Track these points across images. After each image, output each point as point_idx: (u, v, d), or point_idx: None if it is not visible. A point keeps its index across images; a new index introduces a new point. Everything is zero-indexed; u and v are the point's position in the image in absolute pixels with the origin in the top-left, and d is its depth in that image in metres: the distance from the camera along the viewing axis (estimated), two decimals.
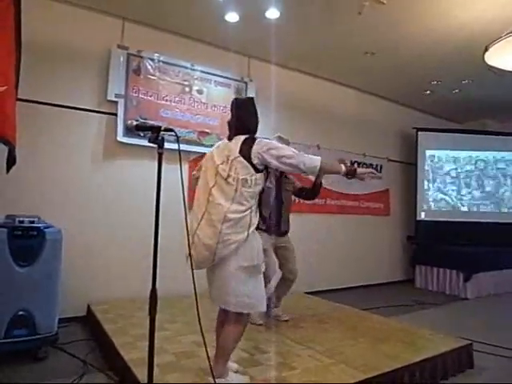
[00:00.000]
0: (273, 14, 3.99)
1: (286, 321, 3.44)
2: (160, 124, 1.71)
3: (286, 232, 3.49)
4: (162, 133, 1.67)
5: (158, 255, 1.69)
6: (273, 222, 3.30)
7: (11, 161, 2.43)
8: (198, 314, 1.80)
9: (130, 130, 1.84)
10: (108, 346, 2.87)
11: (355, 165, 6.18)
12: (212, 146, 4.67)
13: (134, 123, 1.78)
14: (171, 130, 1.70)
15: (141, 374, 2.18)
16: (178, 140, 1.62)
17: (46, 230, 2.90)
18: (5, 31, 2.44)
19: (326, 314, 3.77)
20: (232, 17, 4.07)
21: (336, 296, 4.34)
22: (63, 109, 3.83)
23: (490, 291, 5.83)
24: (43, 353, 2.84)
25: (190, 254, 1.98)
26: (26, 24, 2.77)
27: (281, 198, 3.43)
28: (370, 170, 2.45)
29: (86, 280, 3.84)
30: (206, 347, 1.78)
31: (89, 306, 3.74)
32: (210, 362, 1.85)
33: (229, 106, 4.63)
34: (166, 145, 1.79)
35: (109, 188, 4.05)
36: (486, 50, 3.71)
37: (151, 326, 1.48)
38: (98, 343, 3.17)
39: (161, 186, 1.70)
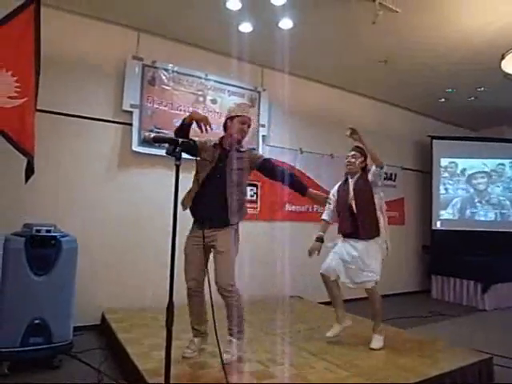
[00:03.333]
0: (286, 24, 4.01)
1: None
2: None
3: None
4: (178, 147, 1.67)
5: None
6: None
7: (30, 171, 2.47)
8: (215, 325, 1.79)
9: (147, 142, 1.84)
10: (122, 356, 2.87)
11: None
12: None
13: (152, 135, 1.80)
14: (188, 143, 1.70)
15: None
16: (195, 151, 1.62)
17: (62, 238, 2.93)
18: (25, 44, 2.52)
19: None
20: (246, 27, 4.11)
21: (351, 307, 4.25)
22: (79, 119, 3.90)
23: (509, 303, 5.67)
24: (58, 361, 2.86)
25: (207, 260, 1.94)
26: (44, 36, 2.85)
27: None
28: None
29: (101, 288, 3.87)
30: (221, 357, 1.76)
31: (103, 315, 3.75)
32: (226, 373, 1.83)
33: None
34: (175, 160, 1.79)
35: (124, 197, 4.09)
36: (503, 57, 3.67)
37: (168, 339, 1.48)
38: (112, 352, 3.17)
39: (178, 197, 1.70)
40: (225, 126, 2.77)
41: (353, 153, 3.37)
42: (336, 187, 3.44)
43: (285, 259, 4.93)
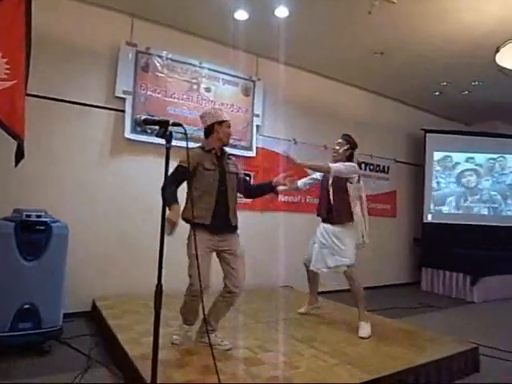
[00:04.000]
0: (282, 12, 3.98)
1: (228, 350, 2.67)
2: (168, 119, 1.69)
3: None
4: (169, 127, 1.66)
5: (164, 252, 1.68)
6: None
7: (20, 154, 2.45)
8: (204, 311, 1.79)
9: (138, 124, 1.83)
10: (112, 342, 2.88)
11: (362, 165, 6.16)
12: None
13: (143, 117, 1.78)
14: (179, 125, 1.69)
15: (145, 370, 2.18)
16: (186, 134, 1.61)
17: (52, 224, 2.91)
18: (16, 27, 2.47)
19: (331, 314, 3.76)
20: (241, 15, 4.07)
21: (341, 297, 4.30)
22: (71, 104, 3.85)
23: (497, 295, 5.75)
24: (47, 347, 2.86)
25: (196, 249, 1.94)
26: (35, 20, 2.79)
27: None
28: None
29: (91, 275, 3.86)
30: (210, 345, 1.78)
31: (94, 302, 3.75)
32: (214, 359, 1.84)
33: (236, 105, 4.71)
34: (173, 142, 1.80)
35: (115, 184, 4.06)
36: (498, 51, 3.68)
37: (156, 322, 1.48)
38: (102, 338, 3.18)
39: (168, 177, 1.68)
40: (210, 131, 2.67)
41: (339, 140, 3.50)
42: (320, 174, 3.54)
43: (277, 249, 4.96)
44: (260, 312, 3.71)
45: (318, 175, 3.57)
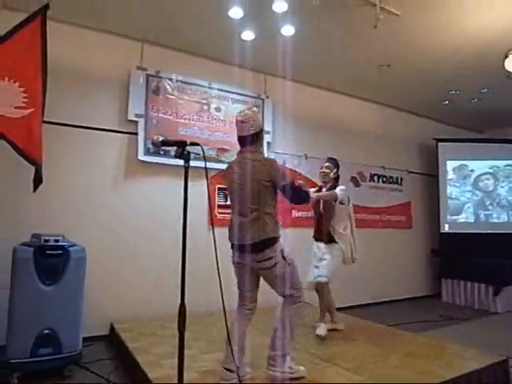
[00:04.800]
0: (288, 31, 4.03)
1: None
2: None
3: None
4: (187, 147, 1.68)
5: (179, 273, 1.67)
6: None
7: (38, 180, 2.49)
8: (227, 330, 1.77)
9: (155, 145, 1.83)
10: (132, 365, 2.86)
11: (375, 178, 6.13)
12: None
13: (160, 139, 1.80)
14: (197, 145, 1.71)
15: None
16: (203, 153, 1.62)
17: (70, 248, 2.94)
18: (32, 55, 2.55)
19: (353, 331, 3.67)
20: (248, 35, 4.14)
21: (361, 312, 4.23)
22: (86, 130, 3.93)
23: None
24: (68, 371, 2.85)
25: (218, 268, 1.89)
26: (50, 49, 2.87)
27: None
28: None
29: (109, 299, 3.85)
30: (234, 360, 1.74)
31: (112, 325, 3.74)
32: (239, 376, 1.80)
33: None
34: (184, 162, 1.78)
35: (131, 206, 4.10)
36: (506, 56, 3.67)
37: (180, 341, 1.46)
38: (121, 362, 3.16)
39: (187, 200, 1.68)
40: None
41: (327, 164, 3.70)
42: (312, 191, 3.62)
43: None
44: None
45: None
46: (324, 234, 3.58)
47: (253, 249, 2.37)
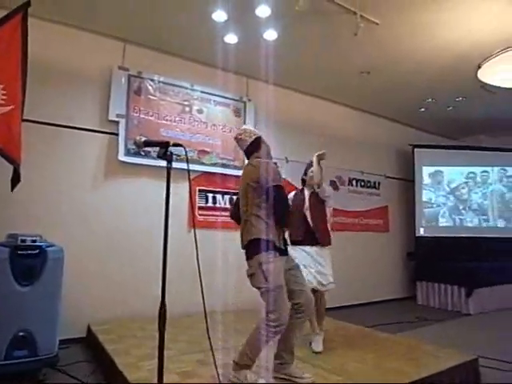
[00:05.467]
0: (271, 35, 4.09)
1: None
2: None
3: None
4: (170, 148, 1.69)
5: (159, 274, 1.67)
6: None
7: (16, 179, 2.44)
8: (208, 330, 1.78)
9: (138, 146, 1.83)
10: (110, 367, 2.82)
11: (353, 182, 6.25)
12: (212, 164, 4.76)
13: (143, 139, 1.80)
14: (180, 145, 1.72)
15: None
16: (186, 154, 1.64)
17: (47, 248, 2.88)
18: (12, 53, 2.51)
19: (331, 332, 3.72)
20: (231, 38, 4.18)
21: (338, 314, 4.30)
22: (65, 129, 3.87)
23: (492, 306, 5.77)
24: (43, 375, 2.79)
25: (199, 269, 1.89)
26: (30, 46, 2.83)
27: None
28: None
29: (86, 300, 3.80)
30: (215, 362, 1.76)
31: (89, 327, 3.68)
32: (219, 377, 1.82)
33: (228, 125, 4.74)
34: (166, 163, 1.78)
35: (109, 207, 4.06)
36: (479, 67, 3.82)
37: (160, 342, 1.47)
38: (99, 364, 3.11)
39: (169, 201, 1.70)
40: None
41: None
42: (291, 195, 3.52)
43: None
44: None
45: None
46: (320, 237, 3.27)
47: (245, 252, 2.46)
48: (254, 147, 2.65)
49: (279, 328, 2.29)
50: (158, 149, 1.73)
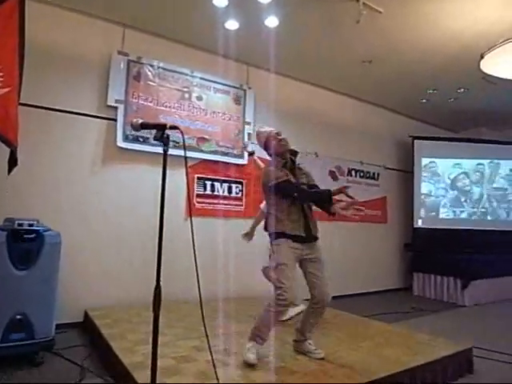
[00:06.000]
0: (272, 22, 4.04)
1: (322, 358, 2.68)
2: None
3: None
4: (166, 131, 1.68)
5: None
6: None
7: (13, 162, 2.43)
8: (203, 317, 1.79)
9: (134, 129, 1.82)
10: (106, 351, 2.84)
11: (352, 172, 6.24)
12: (211, 152, 4.74)
13: (140, 121, 1.79)
14: (176, 128, 1.71)
15: (140, 377, 2.17)
16: (183, 138, 1.63)
17: (44, 233, 2.89)
18: (9, 35, 2.48)
19: (326, 320, 3.73)
20: (232, 24, 4.12)
21: (336, 303, 4.28)
22: (63, 113, 3.84)
23: (488, 298, 5.82)
24: (40, 358, 2.81)
25: (195, 256, 1.90)
26: (28, 29, 2.79)
27: None
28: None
29: (83, 285, 3.81)
30: (210, 349, 1.77)
31: (86, 312, 3.70)
32: (214, 363, 1.83)
33: (228, 113, 4.77)
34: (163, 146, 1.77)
35: (107, 193, 4.05)
36: (482, 57, 3.78)
37: (155, 324, 1.47)
38: (95, 349, 3.14)
39: (165, 185, 1.69)
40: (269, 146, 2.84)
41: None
42: None
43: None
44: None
45: None
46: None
47: None
48: (266, 148, 2.88)
49: (283, 303, 2.47)
50: (156, 133, 1.72)
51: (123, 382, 2.39)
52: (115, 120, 4.08)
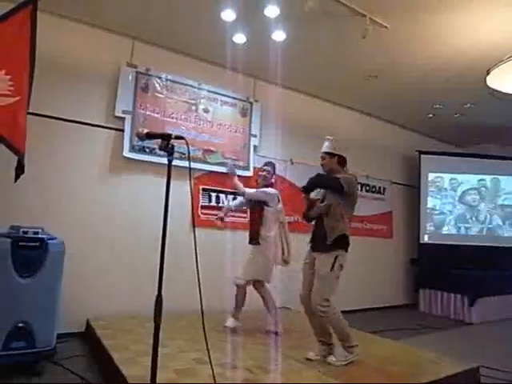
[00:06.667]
0: (279, 36, 4.08)
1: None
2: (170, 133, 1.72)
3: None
4: (172, 141, 1.68)
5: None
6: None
7: (20, 170, 2.45)
8: (204, 330, 1.77)
9: (140, 138, 1.84)
10: (107, 362, 2.81)
11: (358, 186, 6.21)
12: (217, 164, 4.76)
13: (145, 131, 1.80)
14: (181, 138, 1.72)
15: None
16: (188, 147, 1.63)
17: (49, 241, 2.89)
18: (20, 45, 2.53)
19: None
20: (240, 38, 4.17)
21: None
22: (71, 123, 3.89)
23: (495, 316, 5.71)
24: (40, 368, 2.78)
25: (197, 268, 1.90)
26: (39, 40, 2.84)
27: None
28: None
29: (86, 295, 3.79)
30: (210, 362, 1.75)
31: (88, 322, 3.68)
32: (214, 374, 1.81)
33: (234, 125, 4.96)
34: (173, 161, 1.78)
35: (113, 203, 4.06)
36: (488, 73, 3.78)
37: (156, 333, 1.46)
38: (96, 359, 3.11)
39: (169, 194, 1.69)
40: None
41: (267, 169, 3.85)
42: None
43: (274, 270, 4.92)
44: (258, 333, 3.65)
45: (242, 198, 3.92)
46: (252, 236, 3.70)
47: None
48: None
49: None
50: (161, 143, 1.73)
51: None
52: (122, 130, 4.12)
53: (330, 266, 2.83)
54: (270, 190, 3.73)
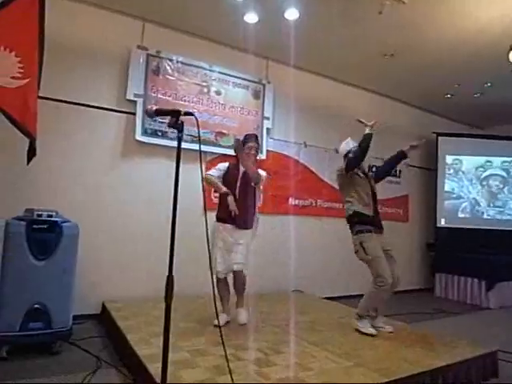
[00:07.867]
0: (292, 14, 3.97)
1: (391, 332, 3.24)
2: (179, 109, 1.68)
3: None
4: (181, 117, 1.65)
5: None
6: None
7: (32, 152, 2.46)
8: (216, 311, 1.76)
9: (149, 115, 1.80)
10: (122, 343, 2.85)
11: (373, 169, 6.10)
12: (229, 146, 4.72)
13: (154, 108, 1.77)
14: (191, 114, 1.68)
15: (155, 369, 2.15)
16: (197, 123, 1.59)
17: (63, 224, 2.92)
18: (29, 27, 2.50)
19: (344, 319, 3.68)
20: (251, 17, 4.07)
21: (354, 302, 4.21)
22: (82, 107, 3.89)
23: None
24: (57, 347, 2.84)
25: (209, 251, 1.88)
26: (48, 23, 2.82)
27: None
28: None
29: (101, 278, 3.85)
30: (223, 344, 1.73)
31: (103, 304, 3.73)
32: (227, 358, 1.80)
33: (247, 108, 4.83)
34: (183, 145, 1.74)
35: (126, 186, 4.07)
36: (511, 49, 3.62)
37: (167, 313, 1.45)
38: (111, 340, 3.16)
39: (179, 174, 1.66)
40: None
41: (255, 145, 3.40)
42: (225, 166, 3.48)
43: (287, 253, 4.90)
44: (271, 315, 3.66)
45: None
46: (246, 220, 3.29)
47: None
48: None
49: (386, 287, 3.23)
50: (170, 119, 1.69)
51: (138, 373, 2.39)
52: (134, 114, 4.10)
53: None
54: (262, 171, 3.41)
